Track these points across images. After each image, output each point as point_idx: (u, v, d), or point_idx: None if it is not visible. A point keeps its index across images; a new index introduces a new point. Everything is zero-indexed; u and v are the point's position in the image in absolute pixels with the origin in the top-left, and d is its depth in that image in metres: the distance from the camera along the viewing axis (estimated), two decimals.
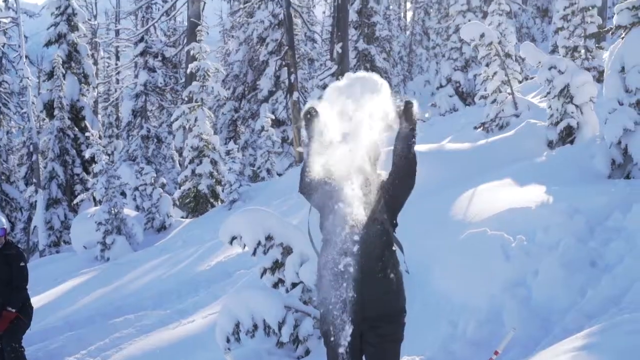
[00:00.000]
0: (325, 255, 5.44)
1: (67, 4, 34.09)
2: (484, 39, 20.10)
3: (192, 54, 27.57)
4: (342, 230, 5.29)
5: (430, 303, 8.90)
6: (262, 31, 34.62)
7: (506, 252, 8.88)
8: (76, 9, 34.65)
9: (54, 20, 34.07)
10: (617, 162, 12.05)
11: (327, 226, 5.43)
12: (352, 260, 5.27)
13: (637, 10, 12.08)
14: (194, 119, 26.53)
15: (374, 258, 5.37)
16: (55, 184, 32.15)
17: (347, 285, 5.31)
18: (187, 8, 34.94)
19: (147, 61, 38.19)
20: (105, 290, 16.90)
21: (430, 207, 11.49)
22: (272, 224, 9.15)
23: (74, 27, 34.28)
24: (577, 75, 15.46)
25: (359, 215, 5.29)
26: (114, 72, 51.70)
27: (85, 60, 34.70)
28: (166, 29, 47.39)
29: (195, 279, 15.93)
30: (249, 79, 36.58)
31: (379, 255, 5.39)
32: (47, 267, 23.28)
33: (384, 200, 5.41)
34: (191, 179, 26.61)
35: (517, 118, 19.83)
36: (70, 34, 33.97)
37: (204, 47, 27.26)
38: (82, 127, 33.35)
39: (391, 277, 5.46)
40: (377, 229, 5.37)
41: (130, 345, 11.76)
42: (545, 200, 10.20)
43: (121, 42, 50.93)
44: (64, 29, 33.88)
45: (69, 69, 33.62)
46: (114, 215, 23.14)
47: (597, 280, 8.00)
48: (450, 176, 13.43)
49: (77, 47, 34.27)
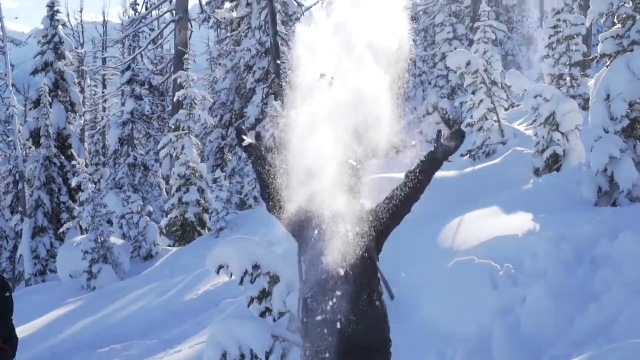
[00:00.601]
0: (309, 284, 5.41)
1: (54, 33, 34.11)
2: (470, 67, 20.19)
3: (180, 82, 27.58)
4: (326, 261, 5.27)
5: (419, 332, 8.88)
6: (249, 59, 34.66)
7: (494, 280, 8.87)
8: (63, 37, 34.67)
9: (40, 49, 34.08)
10: (603, 190, 12.08)
11: (310, 256, 5.41)
12: (339, 291, 5.25)
13: (622, 39, 12.19)
14: (181, 147, 26.50)
15: (361, 288, 5.34)
16: (41, 212, 32.01)
17: (333, 316, 5.28)
18: (175, 36, 35.00)
19: (134, 89, 38.16)
20: (91, 320, 16.79)
21: (418, 236, 11.47)
22: (259, 253, 9.12)
23: (60, 55, 34.29)
24: (563, 103, 15.54)
25: (344, 246, 5.27)
26: (101, 100, 51.62)
27: (72, 88, 34.68)
28: (153, 57, 47.41)
29: (183, 308, 15.84)
30: (236, 106, 36.58)
31: (366, 285, 5.37)
32: (33, 297, 23.11)
33: (374, 228, 5.40)
34: (178, 207, 26.53)
35: (504, 146, 19.89)
36: (57, 63, 33.97)
37: (191, 76, 27.28)
38: (68, 156, 33.27)
39: (377, 305, 5.43)
40: (365, 258, 5.34)
41: None
42: (533, 228, 10.21)
43: (108, 70, 50.91)
44: (51, 57, 33.88)
45: (55, 97, 33.58)
46: (101, 244, 23.03)
47: (585, 309, 8.00)
48: (438, 204, 13.42)
49: (64, 75, 34.26)
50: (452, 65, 21.08)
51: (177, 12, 34.62)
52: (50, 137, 32.16)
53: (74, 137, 34.21)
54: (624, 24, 12.30)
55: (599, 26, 31.09)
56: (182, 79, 27.10)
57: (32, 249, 31.35)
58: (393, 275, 5.62)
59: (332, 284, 5.29)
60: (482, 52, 27.34)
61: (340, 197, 5.35)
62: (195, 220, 26.51)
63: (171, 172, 27.87)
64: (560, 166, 15.54)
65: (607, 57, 12.42)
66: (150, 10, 41.36)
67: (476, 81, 20.49)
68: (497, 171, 15.97)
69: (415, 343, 8.60)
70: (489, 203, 12.51)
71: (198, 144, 27.72)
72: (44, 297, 22.69)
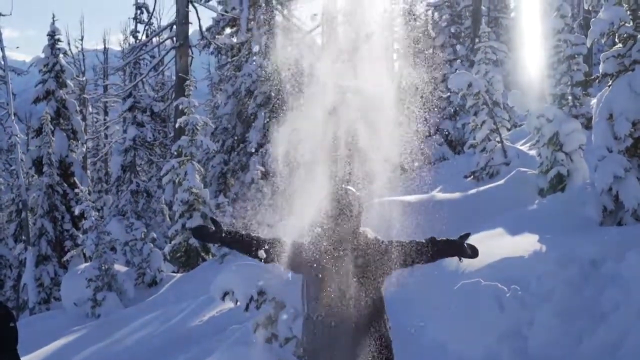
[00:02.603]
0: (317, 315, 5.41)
1: (55, 61, 34.22)
2: (471, 88, 20.23)
3: (181, 108, 27.59)
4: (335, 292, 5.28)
5: (426, 355, 8.82)
6: (250, 84, 34.69)
7: (500, 302, 8.82)
8: (64, 65, 34.78)
9: (42, 77, 34.18)
10: (608, 209, 12.05)
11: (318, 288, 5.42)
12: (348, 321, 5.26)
13: (623, 58, 12.19)
14: (184, 173, 26.48)
15: (369, 317, 5.34)
16: (44, 240, 31.97)
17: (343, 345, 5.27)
18: (175, 63, 35.07)
19: (136, 116, 38.24)
20: (96, 348, 16.72)
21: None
22: (264, 278, 9.09)
23: (62, 83, 34.38)
24: (565, 123, 15.54)
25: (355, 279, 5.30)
26: (103, 127, 51.71)
27: (74, 116, 34.74)
28: (154, 83, 47.54)
29: (188, 335, 15.76)
30: (237, 131, 36.60)
31: (373, 313, 5.38)
32: (37, 325, 23.03)
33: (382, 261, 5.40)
34: (182, 233, 26.47)
35: (507, 166, 19.88)
36: (58, 91, 34.05)
37: (193, 102, 27.29)
38: (71, 183, 33.28)
39: (383, 332, 5.44)
40: (373, 288, 5.36)
41: None
42: (538, 249, 10.18)
43: (109, 97, 51.04)
44: (52, 85, 33.96)
45: (57, 125, 33.63)
46: (105, 272, 22.98)
47: (593, 329, 7.94)
48: (442, 227, 13.40)
49: (65, 103, 34.34)
50: (454, 87, 21.11)
51: (177, 39, 34.71)
52: (53, 165, 32.18)
53: (76, 165, 34.24)
54: (624, 43, 12.32)
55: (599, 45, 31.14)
56: (183, 105, 27.12)
57: (36, 277, 31.28)
58: (399, 299, 5.60)
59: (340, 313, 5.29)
60: (483, 72, 27.36)
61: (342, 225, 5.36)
62: (199, 246, 26.45)
63: (174, 198, 27.83)
64: (564, 186, 15.51)
65: (608, 77, 12.43)
66: (150, 37, 41.48)
67: (478, 102, 20.53)
68: (501, 192, 15.95)
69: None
70: (493, 224, 12.48)
71: (200, 169, 27.71)
72: (49, 325, 22.61)
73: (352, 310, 5.30)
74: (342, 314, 5.31)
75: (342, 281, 5.31)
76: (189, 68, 34.92)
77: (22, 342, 10.36)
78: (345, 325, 5.32)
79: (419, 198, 15.62)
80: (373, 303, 5.42)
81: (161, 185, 34.38)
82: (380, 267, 5.43)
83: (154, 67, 39.90)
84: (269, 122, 33.94)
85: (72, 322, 21.90)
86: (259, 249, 5.61)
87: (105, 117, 53.72)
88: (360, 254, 5.37)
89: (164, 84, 47.92)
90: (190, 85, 27.96)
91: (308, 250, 5.49)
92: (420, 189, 20.55)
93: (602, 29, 12.51)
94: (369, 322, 5.38)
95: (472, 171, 21.06)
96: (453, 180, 23.28)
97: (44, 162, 31.99)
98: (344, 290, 5.29)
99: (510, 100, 18.18)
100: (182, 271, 26.69)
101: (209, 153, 35.57)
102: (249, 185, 29.60)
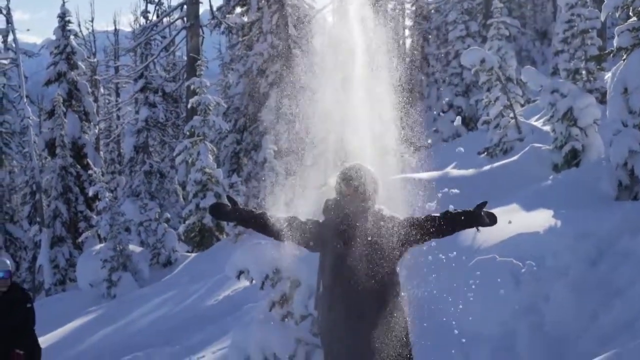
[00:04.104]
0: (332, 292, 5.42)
1: (66, 43, 34.21)
2: (484, 64, 20.10)
3: (193, 89, 27.57)
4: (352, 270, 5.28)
5: (441, 332, 8.81)
6: (262, 63, 34.58)
7: (516, 278, 8.80)
8: (75, 47, 34.77)
9: (53, 59, 34.18)
10: (623, 184, 11.99)
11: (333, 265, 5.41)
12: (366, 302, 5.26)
13: (638, 32, 12.08)
14: (197, 153, 26.48)
15: (384, 294, 5.34)
16: (59, 222, 32.10)
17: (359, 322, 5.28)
18: (186, 43, 35.00)
19: (148, 97, 38.20)
20: (112, 328, 16.80)
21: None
22: (279, 257, 9.08)
23: (73, 65, 34.39)
24: (580, 98, 15.45)
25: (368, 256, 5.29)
26: (115, 108, 51.73)
27: (86, 97, 34.78)
28: (165, 64, 47.46)
29: (204, 314, 15.81)
30: (250, 111, 36.50)
31: (389, 290, 5.37)
32: (53, 307, 23.15)
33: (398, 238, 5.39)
34: (195, 213, 26.51)
35: (521, 142, 19.79)
36: (69, 73, 34.06)
37: (204, 82, 27.27)
38: (84, 165, 33.37)
39: (399, 308, 5.44)
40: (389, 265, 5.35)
41: None
42: (554, 224, 10.14)
43: (121, 78, 51.01)
44: (64, 67, 33.97)
45: (69, 107, 33.67)
46: (119, 252, 23.07)
47: (609, 305, 7.91)
48: (456, 203, 13.36)
49: (77, 85, 34.36)
50: (466, 63, 21.02)
51: (188, 19, 34.63)
52: (66, 147, 32.24)
53: (89, 146, 34.32)
54: (639, 17, 12.21)
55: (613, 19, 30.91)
56: (195, 85, 27.09)
57: (51, 258, 31.43)
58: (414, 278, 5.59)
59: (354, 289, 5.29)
60: (495, 48, 27.28)
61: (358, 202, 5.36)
62: (213, 225, 26.49)
63: (187, 179, 27.85)
64: (579, 161, 15.45)
65: (623, 51, 12.33)
66: (161, 18, 41.34)
67: (491, 78, 20.43)
68: (515, 168, 15.89)
69: (438, 343, 8.53)
70: (508, 200, 12.43)
71: (213, 149, 27.71)
72: (65, 306, 22.74)
73: (367, 287, 5.30)
74: (358, 291, 5.31)
75: (357, 258, 5.30)
76: (200, 48, 34.85)
77: (38, 323, 10.42)
78: (361, 302, 5.32)
79: (432, 175, 15.58)
80: (389, 280, 5.41)
81: (174, 166, 34.41)
82: (396, 244, 5.42)
83: (165, 48, 39.83)
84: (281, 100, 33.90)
85: (88, 303, 22.02)
86: (274, 228, 5.60)
87: (117, 99, 53.75)
88: (376, 231, 5.36)
89: (175, 65, 47.83)
90: (202, 65, 27.94)
91: (323, 228, 5.49)
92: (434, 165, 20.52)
93: (616, 2, 12.42)
94: (385, 298, 5.37)
95: (486, 147, 20.99)
96: (467, 157, 23.19)
97: (57, 144, 32.07)
98: (360, 267, 5.28)
99: (524, 76, 18.08)
100: (197, 251, 26.75)
101: (222, 133, 35.58)
102: (262, 165, 29.59)
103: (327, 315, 5.52)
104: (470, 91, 37.71)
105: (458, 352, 8.22)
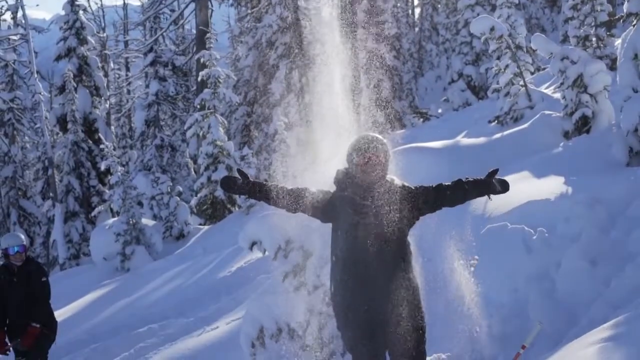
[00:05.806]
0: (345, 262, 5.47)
1: (75, 18, 34.16)
2: (494, 32, 20.00)
3: (202, 62, 27.55)
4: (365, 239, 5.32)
5: (454, 301, 8.86)
6: (271, 35, 34.49)
7: (527, 245, 8.82)
8: (84, 22, 34.72)
9: (63, 35, 34.14)
10: (634, 150, 11.98)
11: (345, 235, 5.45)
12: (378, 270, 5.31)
13: None
14: (207, 126, 26.51)
15: (396, 263, 5.39)
16: (72, 197, 32.23)
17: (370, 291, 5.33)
18: (195, 16, 34.94)
19: (158, 71, 38.18)
20: (127, 301, 16.92)
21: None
22: (291, 227, 9.12)
23: (83, 40, 34.35)
24: (590, 65, 15.39)
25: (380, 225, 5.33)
26: (125, 83, 51.80)
27: (96, 72, 34.78)
28: (175, 37, 47.41)
29: (217, 286, 15.91)
30: (259, 83, 36.47)
31: (401, 259, 5.42)
32: (68, 281, 23.32)
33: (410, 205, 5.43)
34: (207, 185, 26.58)
35: (532, 110, 19.72)
36: (79, 48, 34.04)
37: (214, 54, 27.24)
38: (95, 140, 33.43)
39: (410, 277, 5.49)
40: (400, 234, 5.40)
41: (156, 355, 11.78)
42: (565, 191, 10.16)
43: (131, 53, 51.02)
44: (73, 42, 33.94)
45: (80, 82, 33.69)
46: (132, 226, 23.18)
47: (621, 270, 7.93)
48: (467, 171, 13.35)
49: (87, 60, 34.35)
50: (476, 31, 20.93)
51: None
52: (77, 122, 32.30)
53: (100, 121, 34.37)
54: None
55: None
56: (205, 58, 27.07)
57: (65, 233, 31.60)
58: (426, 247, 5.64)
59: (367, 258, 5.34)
60: (505, 16, 27.09)
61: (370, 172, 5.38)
62: (224, 198, 26.58)
63: (198, 152, 27.91)
64: (589, 128, 15.42)
65: (633, 16, 12.26)
66: None
67: (501, 46, 20.32)
68: (526, 136, 15.87)
69: (450, 311, 8.59)
70: (519, 168, 12.43)
71: (224, 122, 27.72)
72: (79, 280, 22.90)
73: (379, 256, 5.34)
74: (370, 260, 5.36)
75: (370, 228, 5.34)
76: (209, 21, 34.78)
77: (53, 297, 10.52)
78: (373, 270, 5.36)
79: (443, 144, 15.58)
80: (401, 248, 5.46)
81: (185, 139, 34.48)
82: (408, 214, 5.46)
83: (174, 21, 39.79)
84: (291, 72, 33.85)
85: (102, 277, 22.16)
86: (285, 199, 5.64)
87: (127, 73, 53.77)
88: (388, 201, 5.40)
89: (184, 38, 47.75)
90: (211, 38, 27.91)
91: (335, 198, 5.53)
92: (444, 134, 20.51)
93: None
94: (396, 267, 5.43)
95: (497, 116, 20.91)
96: (477, 125, 23.16)
97: (68, 120, 32.12)
98: (372, 237, 5.33)
99: (534, 44, 17.99)
100: (209, 223, 26.86)
101: (232, 105, 35.63)
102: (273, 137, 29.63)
103: (339, 285, 5.57)
104: (480, 60, 37.57)
105: (469, 319, 8.27)
